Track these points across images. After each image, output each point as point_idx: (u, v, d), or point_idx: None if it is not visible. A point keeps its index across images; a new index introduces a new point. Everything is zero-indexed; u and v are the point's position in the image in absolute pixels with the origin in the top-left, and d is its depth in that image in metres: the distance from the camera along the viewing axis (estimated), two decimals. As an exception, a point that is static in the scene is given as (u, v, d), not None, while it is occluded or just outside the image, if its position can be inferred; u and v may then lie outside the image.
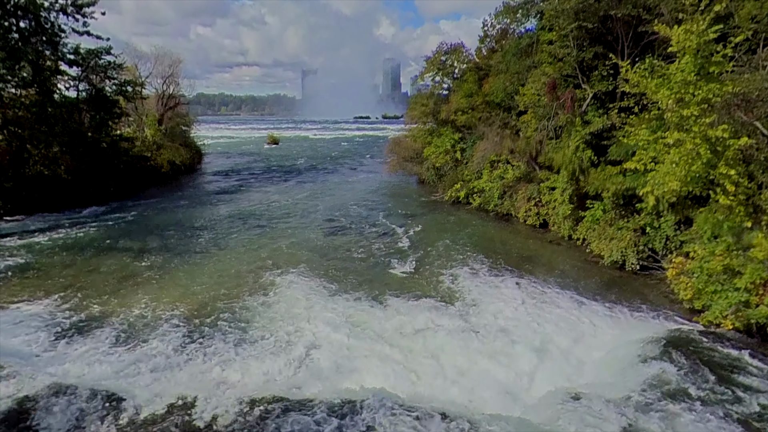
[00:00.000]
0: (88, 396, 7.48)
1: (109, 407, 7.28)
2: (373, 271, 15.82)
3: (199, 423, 6.83)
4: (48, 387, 7.73)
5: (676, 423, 6.87)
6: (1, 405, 7.20)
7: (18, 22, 28.77)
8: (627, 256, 15.48)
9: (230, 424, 6.76)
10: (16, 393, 7.54)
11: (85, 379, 8.37)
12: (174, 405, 7.33)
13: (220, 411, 7.06)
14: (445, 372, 9.20)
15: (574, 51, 18.73)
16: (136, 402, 7.39)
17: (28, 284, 14.16)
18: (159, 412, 7.17)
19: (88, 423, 6.92)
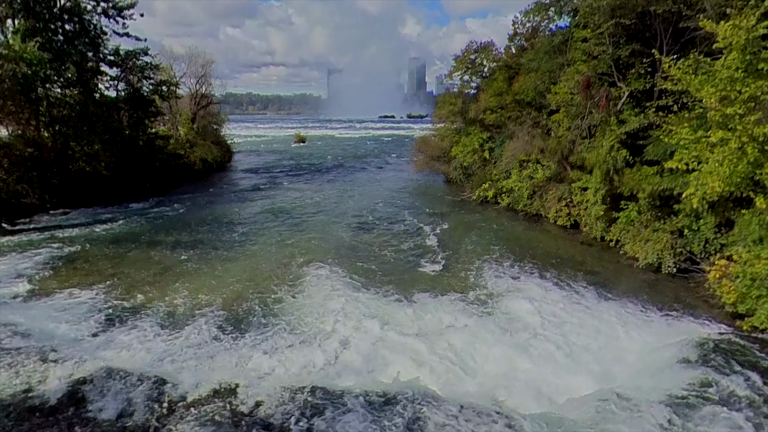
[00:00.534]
0: (136, 379, 7.89)
1: (157, 390, 7.66)
2: (402, 268, 15.93)
3: (243, 408, 7.11)
4: (99, 370, 8.19)
5: (721, 426, 6.71)
6: (58, 386, 7.67)
7: (63, 25, 30.21)
8: (663, 259, 15.07)
9: (273, 411, 7.02)
10: (71, 375, 8.02)
11: (132, 364, 8.80)
12: (218, 390, 7.65)
13: (263, 398, 7.34)
14: (478, 369, 9.24)
15: (610, 48, 18.33)
16: (182, 387, 7.75)
17: (75, 273, 14.92)
18: (204, 396, 7.50)
19: (139, 405, 7.31)
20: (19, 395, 7.41)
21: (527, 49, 30.04)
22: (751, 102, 9.98)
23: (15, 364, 8.22)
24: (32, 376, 7.90)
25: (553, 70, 23.39)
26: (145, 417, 7.01)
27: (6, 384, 7.64)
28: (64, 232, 20.05)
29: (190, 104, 43.69)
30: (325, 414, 6.96)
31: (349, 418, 6.90)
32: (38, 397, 7.42)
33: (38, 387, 7.63)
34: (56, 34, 29.45)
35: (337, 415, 6.96)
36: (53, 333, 10.49)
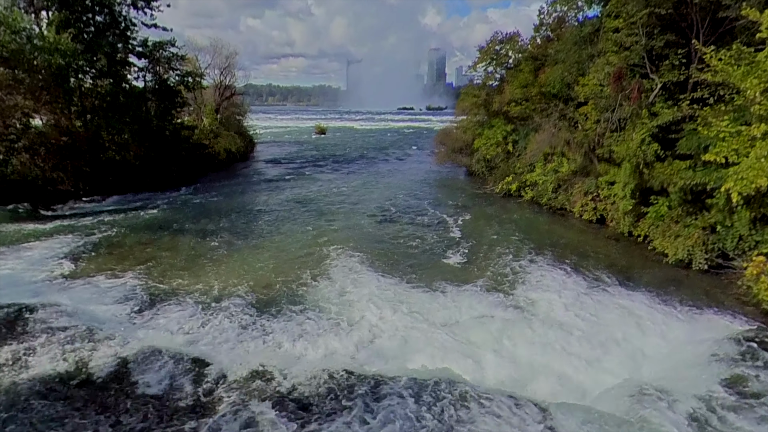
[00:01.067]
0: (177, 359, 8.23)
1: (198, 370, 7.99)
2: (427, 259, 16.03)
3: (281, 389, 7.37)
4: (143, 349, 8.57)
5: (756, 423, 6.65)
6: (105, 363, 8.07)
7: (94, 17, 30.94)
8: (694, 255, 14.80)
9: (310, 393, 7.26)
10: (117, 353, 8.42)
11: (171, 345, 9.15)
12: (255, 372, 7.92)
13: (299, 380, 7.59)
14: (507, 360, 9.30)
15: (643, 39, 17.87)
16: (220, 367, 8.07)
17: (111, 258, 15.47)
18: (243, 377, 7.79)
19: (183, 383, 7.65)
20: (71, 371, 7.83)
21: (553, 40, 29.53)
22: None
23: (65, 342, 8.66)
24: (82, 353, 8.32)
25: (581, 62, 22.94)
26: (189, 394, 7.34)
27: (59, 360, 8.08)
28: (98, 218, 20.77)
29: (214, 95, 44.33)
30: (360, 397, 7.16)
31: (384, 403, 7.08)
32: (88, 372, 7.83)
33: (88, 363, 8.05)
34: (88, 26, 30.22)
35: (371, 399, 7.15)
36: (95, 314, 10.94)
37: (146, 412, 6.83)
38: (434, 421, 6.81)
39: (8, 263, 14.68)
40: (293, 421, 6.55)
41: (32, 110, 23.94)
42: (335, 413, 6.79)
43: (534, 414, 6.88)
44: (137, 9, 31.95)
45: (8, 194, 22.03)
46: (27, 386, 7.28)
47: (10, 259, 14.99)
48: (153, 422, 6.64)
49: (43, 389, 7.28)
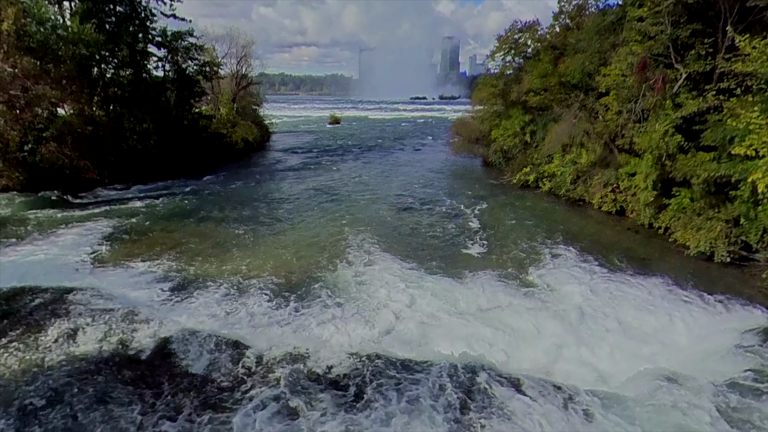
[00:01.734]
0: (215, 341, 8.63)
1: (236, 351, 8.37)
2: (447, 248, 16.24)
3: (317, 370, 7.71)
4: (180, 330, 8.98)
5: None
6: (148, 343, 8.49)
7: (115, 7, 31.34)
8: (716, 248, 14.74)
9: (344, 374, 7.59)
10: (156, 334, 8.84)
11: (205, 327, 9.55)
12: (290, 354, 8.27)
13: (333, 362, 7.92)
14: (531, 347, 9.51)
15: (669, 28, 17.60)
16: (256, 349, 8.43)
17: (140, 244, 15.96)
18: (279, 358, 8.14)
19: (222, 362, 8.03)
20: (116, 349, 8.27)
21: (573, 29, 29.12)
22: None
23: (107, 323, 9.11)
24: (124, 334, 8.76)
25: (603, 51, 22.67)
26: (229, 373, 7.72)
27: (104, 339, 8.52)
28: (123, 205, 21.37)
29: (230, 84, 44.63)
30: (393, 380, 7.46)
31: (416, 386, 7.36)
32: (133, 351, 8.27)
33: (131, 343, 8.49)
34: (109, 16, 30.66)
35: (401, 382, 7.44)
36: (130, 297, 11.40)
37: (190, 390, 7.22)
38: (464, 403, 7.08)
39: (43, 248, 15.26)
40: (329, 401, 6.88)
41: (59, 100, 24.49)
42: (368, 394, 7.10)
43: (561, 398, 7.11)
44: (157, 0, 32.32)
45: (38, 182, 22.74)
46: (78, 363, 7.73)
47: (44, 245, 15.58)
48: (196, 399, 7.02)
49: (92, 366, 7.73)
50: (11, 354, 7.94)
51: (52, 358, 7.85)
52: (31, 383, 7.26)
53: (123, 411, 6.82)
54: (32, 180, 22.79)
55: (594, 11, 28.61)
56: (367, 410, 6.73)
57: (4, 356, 7.87)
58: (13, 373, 7.44)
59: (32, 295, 10.52)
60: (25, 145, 22.82)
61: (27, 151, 22.75)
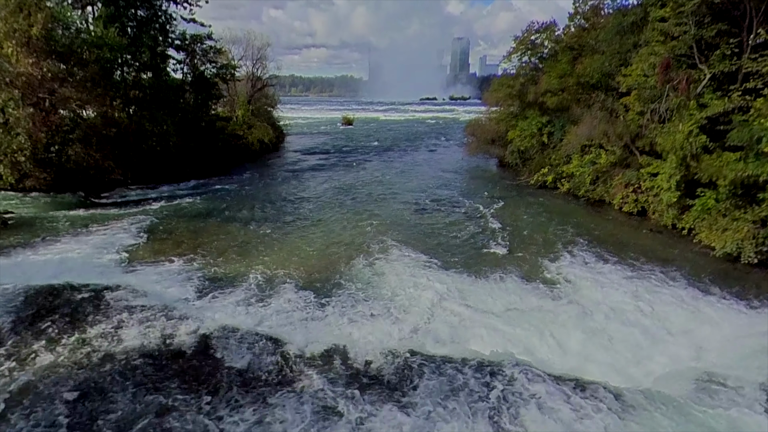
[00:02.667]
0: (253, 337, 8.82)
1: (274, 347, 8.56)
2: (469, 248, 16.31)
3: (356, 366, 7.87)
4: (217, 328, 9.19)
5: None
6: (189, 339, 8.72)
7: (137, 11, 31.94)
8: (743, 248, 14.62)
9: (383, 369, 7.73)
10: (196, 330, 9.06)
11: (242, 324, 9.76)
12: (328, 350, 8.44)
13: (370, 358, 8.06)
14: (563, 347, 9.55)
15: (693, 29, 17.49)
16: (294, 345, 8.60)
17: (166, 244, 16.24)
18: (318, 354, 8.31)
19: (263, 358, 8.22)
20: (159, 345, 8.51)
21: (588, 29, 29.00)
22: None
23: (147, 319, 9.37)
24: (165, 330, 9.00)
25: (623, 51, 22.56)
26: (272, 368, 7.90)
27: (145, 335, 8.77)
28: (147, 205, 21.77)
29: (246, 86, 45.12)
30: (429, 377, 7.58)
31: (453, 383, 7.47)
32: (175, 347, 8.50)
33: (173, 339, 8.72)
34: (131, 20, 31.25)
35: (441, 378, 7.56)
36: (163, 294, 11.67)
37: (234, 385, 7.42)
38: (502, 401, 7.17)
39: (74, 247, 15.65)
40: (371, 398, 7.02)
41: (83, 102, 25.03)
42: (409, 391, 7.23)
43: (602, 395, 7.16)
44: (177, 4, 32.87)
45: (63, 182, 23.28)
46: (123, 357, 7.98)
47: (75, 243, 15.97)
48: (241, 394, 7.21)
49: (137, 361, 7.97)
50: (62, 348, 8.23)
51: (99, 353, 8.10)
52: (81, 376, 7.51)
53: (170, 405, 7.03)
54: (57, 181, 23.33)
55: (610, 12, 28.50)
56: (410, 407, 6.86)
57: (56, 350, 8.16)
58: (64, 366, 7.71)
59: (72, 292, 10.83)
60: (52, 147, 23.35)
61: (54, 153, 23.29)
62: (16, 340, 8.43)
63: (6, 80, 19.83)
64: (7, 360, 7.82)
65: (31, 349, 8.17)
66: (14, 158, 19.91)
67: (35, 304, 10.10)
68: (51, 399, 7.01)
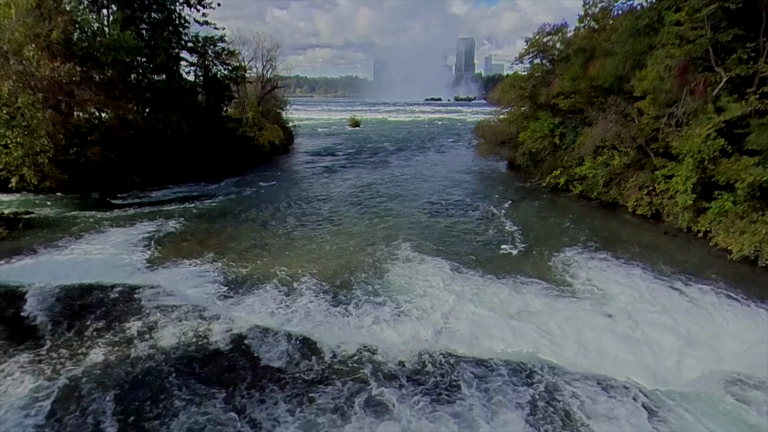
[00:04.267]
0: (286, 337, 9.02)
1: (307, 347, 8.75)
2: (484, 250, 16.49)
3: (390, 366, 8.05)
4: (250, 327, 9.40)
5: None
6: (223, 338, 8.94)
7: (151, 15, 32.35)
8: (761, 252, 14.68)
9: (417, 369, 7.92)
10: (230, 330, 9.28)
11: (272, 324, 9.97)
12: (361, 350, 8.63)
13: (403, 358, 8.25)
14: (586, 348, 9.71)
15: (709, 32, 17.56)
16: (326, 345, 8.80)
17: (187, 245, 16.52)
18: (350, 354, 8.51)
19: (298, 358, 8.42)
20: (195, 343, 8.74)
21: (598, 30, 29.04)
22: None
23: (180, 319, 9.60)
24: (199, 330, 9.23)
25: (636, 54, 22.60)
26: (308, 367, 8.10)
27: (180, 334, 9.00)
28: (163, 206, 22.08)
29: (256, 88, 45.39)
30: (468, 376, 7.75)
31: (484, 382, 7.65)
32: (212, 345, 8.72)
33: (208, 338, 8.94)
34: (145, 23, 31.66)
35: (472, 378, 7.73)
36: (190, 294, 11.92)
37: (272, 383, 7.62)
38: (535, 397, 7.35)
39: (97, 247, 15.96)
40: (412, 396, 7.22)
41: (101, 104, 25.40)
42: (444, 390, 7.42)
43: (634, 393, 7.31)
44: (191, 7, 33.29)
45: (81, 184, 23.64)
46: (161, 355, 8.21)
47: (98, 243, 16.30)
48: (280, 393, 7.41)
49: (175, 359, 8.20)
50: (102, 346, 8.47)
51: (138, 352, 8.34)
52: (122, 374, 7.75)
53: (210, 402, 7.24)
54: (76, 181, 23.66)
55: (620, 13, 28.56)
56: (454, 406, 7.05)
57: (97, 348, 8.41)
58: (106, 365, 7.95)
59: (103, 291, 11.09)
60: (71, 148, 23.71)
61: (72, 154, 23.64)
62: (57, 339, 8.69)
63: (30, 83, 20.15)
64: (50, 359, 8.07)
65: (73, 348, 8.42)
66: (37, 160, 20.26)
67: (69, 304, 10.37)
68: (95, 397, 7.24)
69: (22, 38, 20.01)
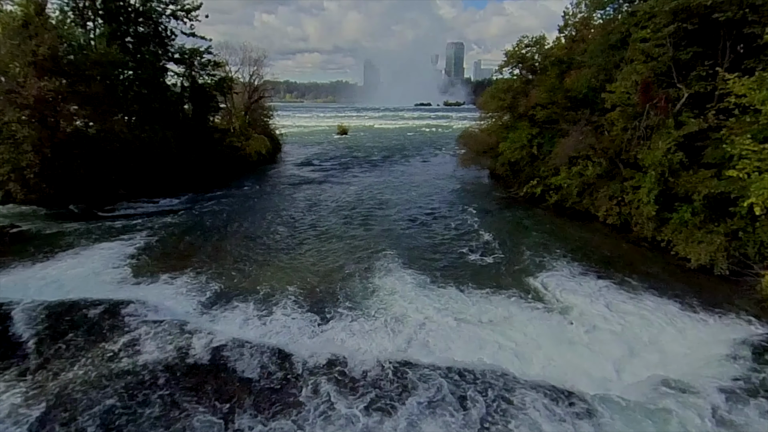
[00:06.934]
0: (262, 349, 9.62)
1: (282, 359, 9.36)
2: (461, 261, 17.17)
3: (355, 375, 8.69)
4: (229, 341, 9.98)
5: (764, 417, 7.68)
6: (203, 352, 9.51)
7: (137, 27, 32.76)
8: (716, 261, 15.56)
9: (380, 378, 8.55)
10: (210, 344, 9.85)
11: (250, 337, 10.55)
12: (330, 361, 9.25)
13: (368, 367, 8.89)
14: (543, 356, 10.43)
15: (671, 50, 18.57)
16: (300, 356, 9.41)
17: (171, 259, 16.87)
18: (321, 365, 9.13)
19: (271, 368, 9.02)
20: (177, 357, 9.28)
21: (577, 41, 30.11)
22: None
23: (163, 333, 10.14)
24: (181, 343, 9.78)
25: (608, 68, 23.59)
26: (281, 379, 8.70)
27: (163, 348, 9.54)
28: (149, 219, 22.48)
29: (243, 97, 45.85)
30: (420, 384, 8.41)
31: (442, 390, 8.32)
32: (192, 358, 9.27)
33: (189, 352, 9.50)
34: (132, 37, 32.07)
35: (431, 387, 8.40)
36: (174, 309, 12.45)
37: (249, 393, 8.21)
38: (483, 407, 8.03)
39: (82, 262, 16.37)
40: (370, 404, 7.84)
41: (87, 118, 25.79)
42: (401, 398, 8.06)
43: (572, 403, 8.02)
44: (177, 20, 33.75)
45: (68, 196, 23.98)
46: (143, 371, 8.75)
47: (82, 258, 16.71)
48: (255, 403, 8.01)
49: (157, 374, 8.74)
50: (86, 363, 8.98)
51: (122, 367, 8.87)
52: (107, 390, 8.27)
53: (191, 416, 7.81)
54: (62, 195, 24.00)
55: (600, 22, 29.63)
56: (400, 414, 7.69)
57: (81, 364, 8.91)
58: (90, 381, 8.46)
59: (87, 307, 11.56)
60: (57, 162, 24.03)
61: (59, 167, 23.95)
62: (42, 356, 9.19)
63: (16, 101, 20.52)
64: (36, 375, 8.58)
65: (58, 364, 8.93)
66: (23, 174, 20.60)
67: (54, 320, 10.84)
68: (80, 413, 7.76)
69: (9, 58, 20.42)
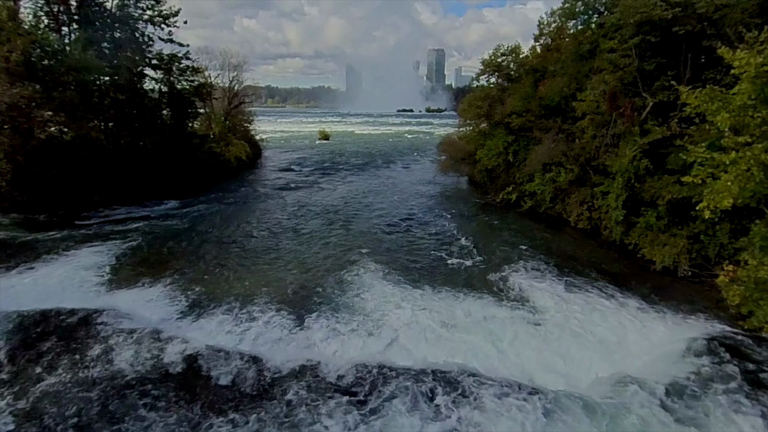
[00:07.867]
0: (236, 356, 9.77)
1: (256, 365, 9.52)
2: (437, 265, 17.57)
3: (329, 379, 8.91)
4: (203, 347, 10.09)
5: (716, 409, 8.23)
6: (177, 359, 9.60)
7: (113, 33, 32.42)
8: (679, 263, 16.33)
9: (353, 382, 8.80)
10: (184, 351, 9.94)
11: (225, 343, 10.68)
12: (305, 366, 9.45)
13: (342, 372, 9.12)
14: (512, 354, 10.85)
15: (636, 61, 19.44)
16: (275, 362, 9.59)
17: (147, 266, 16.79)
18: (296, 370, 9.32)
19: (246, 375, 9.16)
20: (151, 365, 9.35)
21: (552, 50, 31.04)
22: (765, 126, 11.22)
23: (138, 341, 10.18)
24: (155, 352, 9.84)
25: (579, 77, 24.44)
26: (254, 384, 8.87)
27: (137, 356, 9.60)
28: (126, 226, 22.27)
29: (222, 103, 45.64)
30: (392, 385, 8.69)
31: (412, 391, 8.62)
32: (166, 366, 9.36)
33: (163, 359, 9.58)
34: (108, 42, 31.71)
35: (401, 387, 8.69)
36: (148, 317, 12.47)
37: (221, 400, 8.35)
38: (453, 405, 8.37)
39: (58, 270, 16.20)
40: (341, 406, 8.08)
41: (62, 125, 25.41)
42: (372, 399, 8.32)
43: (537, 398, 8.42)
44: (155, 25, 33.52)
45: (43, 204, 23.56)
46: (118, 379, 8.80)
47: (58, 266, 16.53)
48: (228, 409, 8.15)
49: (131, 382, 8.81)
50: (60, 372, 8.98)
51: (96, 376, 8.90)
52: (81, 399, 8.30)
53: (163, 420, 7.91)
54: (37, 202, 23.58)
55: (574, 31, 30.60)
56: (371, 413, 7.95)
57: (55, 374, 8.91)
58: (64, 390, 8.48)
59: (62, 316, 11.50)
60: (31, 169, 23.61)
61: (33, 174, 23.54)
62: (16, 365, 9.15)
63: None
64: (9, 385, 8.55)
65: (32, 373, 8.91)
66: (-6, 183, 20.19)
67: (29, 330, 10.77)
68: (53, 423, 7.79)
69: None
